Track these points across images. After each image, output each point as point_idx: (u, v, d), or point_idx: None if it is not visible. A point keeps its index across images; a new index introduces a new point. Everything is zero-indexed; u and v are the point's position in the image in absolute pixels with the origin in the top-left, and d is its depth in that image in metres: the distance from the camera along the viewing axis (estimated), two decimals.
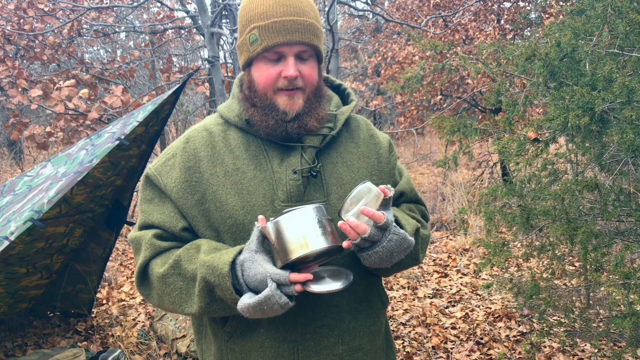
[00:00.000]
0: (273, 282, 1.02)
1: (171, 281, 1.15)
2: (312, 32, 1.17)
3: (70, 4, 5.67)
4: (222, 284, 1.06)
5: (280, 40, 1.14)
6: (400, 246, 1.09)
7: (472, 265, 4.97)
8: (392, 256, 1.10)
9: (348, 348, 1.22)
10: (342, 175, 1.23)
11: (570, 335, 3.30)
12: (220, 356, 1.25)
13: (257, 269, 1.04)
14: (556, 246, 2.60)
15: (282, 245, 1.03)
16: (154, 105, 2.77)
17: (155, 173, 1.23)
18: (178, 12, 8.26)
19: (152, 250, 1.18)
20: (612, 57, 2.05)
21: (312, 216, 1.04)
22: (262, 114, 1.18)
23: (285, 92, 1.17)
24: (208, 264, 1.08)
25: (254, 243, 1.06)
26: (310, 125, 1.19)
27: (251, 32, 1.16)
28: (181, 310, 1.16)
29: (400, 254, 1.11)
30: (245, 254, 1.07)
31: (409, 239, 1.11)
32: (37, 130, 5.29)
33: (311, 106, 1.20)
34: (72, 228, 3.41)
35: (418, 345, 3.49)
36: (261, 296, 1.02)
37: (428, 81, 6.24)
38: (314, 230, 1.03)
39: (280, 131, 1.18)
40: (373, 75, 9.83)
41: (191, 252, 1.15)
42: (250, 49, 1.17)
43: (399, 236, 1.09)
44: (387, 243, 1.08)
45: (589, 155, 2.40)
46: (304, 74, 1.18)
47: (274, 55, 1.16)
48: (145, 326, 3.80)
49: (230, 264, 1.06)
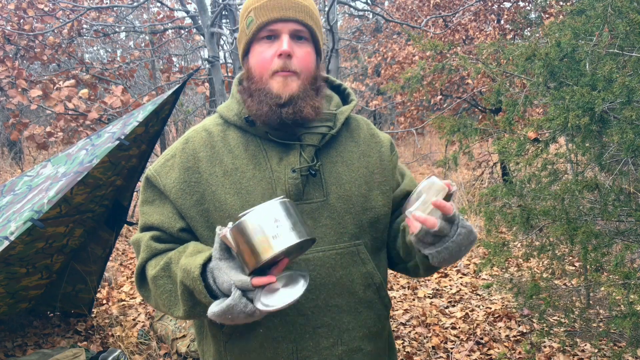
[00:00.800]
0: (237, 290, 0.98)
1: (161, 283, 1.15)
2: (307, 13, 1.17)
3: (70, 4, 5.67)
4: (196, 288, 1.05)
5: (274, 16, 1.14)
6: (467, 239, 1.05)
7: (472, 265, 4.97)
8: (460, 251, 1.06)
9: (347, 349, 1.22)
10: (341, 174, 1.23)
11: (570, 335, 3.30)
12: (219, 357, 1.25)
13: (222, 277, 1.01)
14: (556, 246, 2.60)
15: (244, 252, 0.99)
16: (154, 105, 2.77)
17: (155, 174, 1.24)
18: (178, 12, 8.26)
19: (149, 252, 1.18)
20: (612, 57, 2.05)
21: (264, 217, 0.98)
22: (257, 101, 1.17)
23: (279, 74, 1.16)
24: (184, 267, 1.08)
25: (217, 251, 1.02)
26: (306, 113, 1.16)
27: (248, 16, 1.18)
28: (171, 313, 1.15)
29: (467, 247, 1.07)
30: (213, 262, 1.04)
31: (474, 232, 1.07)
32: (37, 131, 5.29)
33: (306, 93, 1.18)
34: (72, 228, 3.41)
35: (418, 345, 3.49)
36: (224, 305, 0.98)
37: (428, 81, 6.24)
38: (272, 230, 0.97)
39: (276, 118, 1.16)
40: (373, 75, 9.83)
41: (179, 254, 1.14)
42: (247, 33, 1.19)
43: (466, 229, 1.05)
44: (457, 237, 1.04)
45: (589, 155, 2.40)
46: (299, 57, 1.17)
47: (269, 33, 1.16)
48: (145, 326, 3.80)
49: (200, 267, 1.04)
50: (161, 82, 7.15)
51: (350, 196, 1.21)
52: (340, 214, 1.19)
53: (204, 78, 6.70)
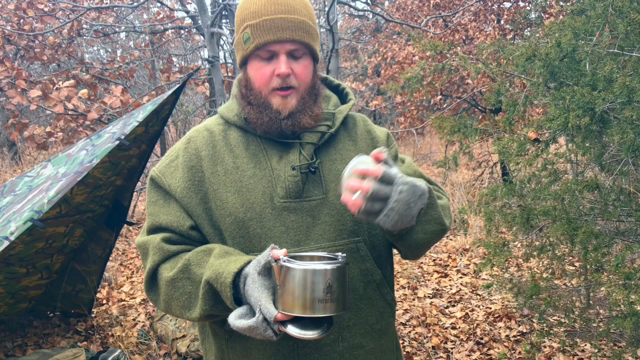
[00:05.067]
0: (261, 314, 1.00)
1: (180, 285, 1.14)
2: (304, 29, 1.18)
3: (70, 4, 5.67)
4: (224, 292, 1.07)
5: (271, 38, 1.15)
6: (414, 194, 1.03)
7: (472, 265, 4.97)
8: (409, 208, 1.03)
9: (348, 345, 1.22)
10: (340, 172, 1.23)
11: (570, 335, 3.30)
12: (221, 355, 1.26)
13: (253, 291, 1.03)
14: (556, 246, 2.59)
15: (284, 293, 1.00)
16: (154, 105, 2.77)
17: (160, 175, 1.24)
18: (178, 12, 8.26)
19: (161, 254, 1.18)
20: (613, 57, 2.05)
21: (321, 280, 0.99)
22: (257, 112, 1.20)
23: (279, 93, 1.18)
24: (214, 268, 1.09)
25: (261, 266, 1.03)
26: (304, 123, 1.19)
27: (244, 30, 1.18)
28: (187, 316, 1.16)
29: (418, 202, 1.05)
30: (250, 269, 1.05)
31: (419, 185, 1.04)
32: (37, 131, 5.29)
33: (305, 105, 1.20)
34: (72, 228, 3.41)
35: (418, 345, 3.49)
36: (245, 324, 1.01)
37: (428, 81, 6.24)
38: (319, 294, 0.99)
39: (275, 128, 1.19)
40: (373, 75, 9.83)
41: (200, 255, 1.15)
42: (244, 47, 1.20)
43: (408, 184, 1.02)
44: (399, 195, 1.01)
45: (589, 155, 2.40)
46: (297, 73, 1.18)
47: (266, 53, 1.17)
48: (145, 326, 3.80)
49: (234, 275, 1.05)
50: (161, 82, 7.15)
51: None
52: (339, 212, 1.20)
53: (204, 78, 6.70)
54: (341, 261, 1.03)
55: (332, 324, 1.07)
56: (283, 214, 1.18)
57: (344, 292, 1.03)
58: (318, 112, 1.23)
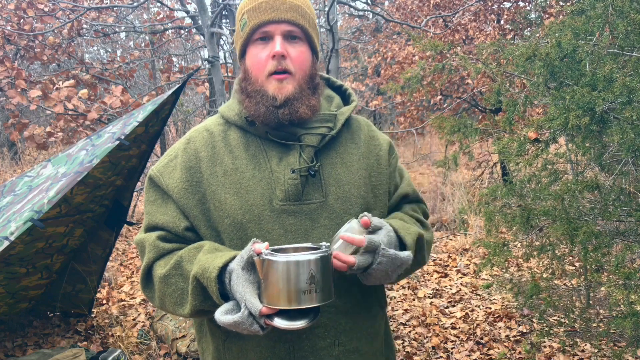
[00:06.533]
0: (246, 309, 1.00)
1: (172, 282, 1.15)
2: (299, 12, 1.19)
3: (70, 4, 5.67)
4: (209, 287, 1.07)
5: (266, 18, 1.16)
6: (392, 265, 1.09)
7: (472, 265, 4.97)
8: (387, 275, 1.11)
9: (345, 349, 1.22)
10: (340, 175, 1.23)
11: (570, 335, 3.30)
12: (218, 355, 1.25)
13: (238, 286, 1.02)
14: (556, 246, 2.59)
15: (268, 286, 1.00)
16: (154, 105, 2.77)
17: (158, 174, 1.25)
18: (178, 12, 8.26)
19: (156, 252, 1.19)
20: (613, 57, 2.05)
21: (303, 271, 0.99)
22: (255, 102, 1.19)
23: (274, 77, 1.17)
24: (201, 263, 1.09)
25: (244, 260, 1.03)
26: (301, 112, 1.18)
27: (242, 18, 1.21)
28: (178, 312, 1.16)
29: (396, 271, 1.11)
30: (234, 265, 1.04)
31: (400, 257, 1.09)
32: (37, 131, 5.29)
33: (302, 93, 1.19)
34: (72, 228, 3.41)
35: (418, 345, 3.49)
36: (230, 319, 1.01)
37: (428, 81, 6.24)
38: (303, 285, 0.99)
39: (272, 119, 1.18)
40: (373, 75, 9.82)
41: (192, 252, 1.15)
42: (241, 35, 1.21)
43: (388, 258, 1.08)
44: (378, 265, 1.08)
45: (589, 155, 2.40)
46: (293, 57, 1.18)
47: (262, 35, 1.18)
48: (145, 326, 3.80)
49: (219, 269, 1.05)
50: (161, 82, 7.15)
51: (349, 197, 1.22)
52: (338, 215, 1.20)
53: (204, 78, 6.69)
54: (324, 250, 1.04)
55: (318, 312, 1.06)
56: (282, 217, 1.17)
57: (328, 281, 1.03)
58: (316, 104, 1.22)
